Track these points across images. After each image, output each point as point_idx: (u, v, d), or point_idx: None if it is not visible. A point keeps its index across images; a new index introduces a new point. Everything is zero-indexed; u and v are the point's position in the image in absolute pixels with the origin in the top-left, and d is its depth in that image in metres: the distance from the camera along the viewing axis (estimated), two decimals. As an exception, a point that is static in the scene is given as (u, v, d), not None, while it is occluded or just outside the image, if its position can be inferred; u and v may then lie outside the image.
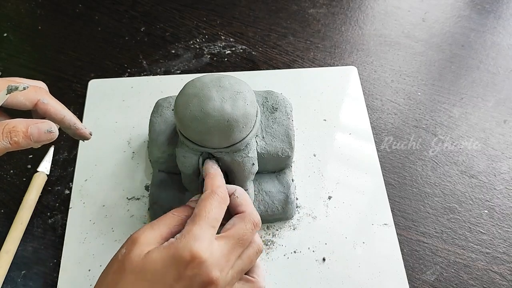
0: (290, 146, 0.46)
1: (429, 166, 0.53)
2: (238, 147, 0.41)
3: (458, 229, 0.49)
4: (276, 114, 0.48)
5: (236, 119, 0.39)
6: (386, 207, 0.50)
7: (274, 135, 0.47)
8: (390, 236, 0.48)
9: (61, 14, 0.68)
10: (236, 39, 0.65)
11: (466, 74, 0.62)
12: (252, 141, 0.43)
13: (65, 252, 0.47)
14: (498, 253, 0.47)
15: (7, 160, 0.53)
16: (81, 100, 0.58)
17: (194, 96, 0.39)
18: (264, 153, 0.46)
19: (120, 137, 0.54)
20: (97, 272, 0.45)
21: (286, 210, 0.47)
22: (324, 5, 0.69)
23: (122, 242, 0.47)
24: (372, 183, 0.51)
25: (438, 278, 0.46)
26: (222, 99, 0.39)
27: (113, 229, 0.48)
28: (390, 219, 0.49)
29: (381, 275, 0.45)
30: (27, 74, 0.61)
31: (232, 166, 0.42)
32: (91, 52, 0.63)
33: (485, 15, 0.68)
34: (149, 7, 0.69)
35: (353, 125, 0.56)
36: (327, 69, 0.61)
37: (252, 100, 0.40)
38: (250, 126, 0.41)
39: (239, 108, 0.39)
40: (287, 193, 0.47)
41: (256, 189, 0.48)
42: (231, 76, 0.41)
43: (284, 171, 0.49)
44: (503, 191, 0.51)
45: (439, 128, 0.56)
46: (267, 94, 0.49)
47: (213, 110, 0.38)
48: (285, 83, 0.59)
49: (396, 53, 0.64)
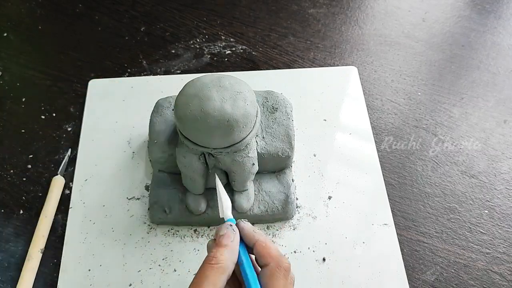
0: (290, 146, 0.46)
1: (429, 166, 0.53)
2: (238, 147, 0.41)
3: (458, 229, 0.49)
4: (276, 114, 0.48)
5: (236, 119, 0.39)
6: (386, 207, 0.50)
7: (274, 135, 0.47)
8: (390, 236, 0.48)
9: (61, 14, 0.68)
10: (236, 39, 0.65)
11: (466, 74, 0.62)
12: (252, 141, 0.43)
13: (65, 252, 0.47)
14: (498, 253, 0.47)
15: (7, 160, 0.53)
16: (81, 100, 0.58)
17: (194, 96, 0.39)
18: (264, 153, 0.46)
19: (120, 137, 0.54)
20: (97, 272, 0.45)
21: (286, 210, 0.47)
22: (324, 5, 0.69)
23: (122, 242, 0.47)
24: (372, 183, 0.51)
25: (438, 278, 0.46)
26: (222, 99, 0.39)
27: (113, 229, 0.48)
28: (390, 219, 0.49)
29: (381, 275, 0.45)
30: (27, 74, 0.61)
31: (232, 166, 0.42)
32: (91, 52, 0.63)
33: (485, 15, 0.68)
34: (149, 7, 0.69)
35: (353, 125, 0.56)
36: (327, 69, 0.61)
37: (252, 100, 0.40)
38: (250, 126, 0.41)
39: (239, 108, 0.39)
40: (287, 193, 0.47)
41: (256, 189, 0.48)
42: (231, 76, 0.41)
43: (284, 171, 0.49)
44: (503, 191, 0.51)
45: (439, 128, 0.56)
46: (267, 94, 0.49)
47: (213, 110, 0.38)
48: (285, 83, 0.59)
49: (396, 53, 0.64)
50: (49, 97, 0.59)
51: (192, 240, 0.47)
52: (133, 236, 0.47)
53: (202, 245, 0.47)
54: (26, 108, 0.58)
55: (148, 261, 0.46)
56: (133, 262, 0.46)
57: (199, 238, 0.47)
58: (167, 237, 0.47)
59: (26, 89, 0.60)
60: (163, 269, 0.46)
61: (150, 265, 0.46)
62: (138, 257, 0.46)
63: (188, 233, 0.48)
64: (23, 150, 0.54)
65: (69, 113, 0.57)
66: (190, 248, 0.47)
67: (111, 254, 0.47)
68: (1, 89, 0.60)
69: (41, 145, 0.55)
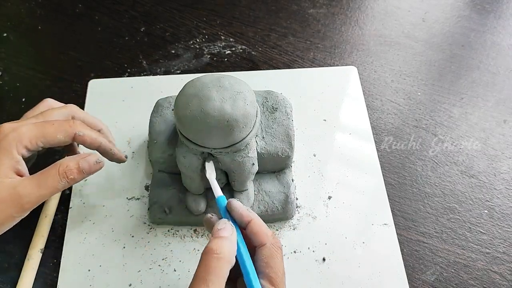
0: (290, 146, 0.46)
1: (429, 166, 0.53)
2: (238, 147, 0.41)
3: (458, 229, 0.49)
4: (276, 114, 0.48)
5: (236, 119, 0.39)
6: (386, 207, 0.50)
7: (274, 135, 0.47)
8: (390, 236, 0.48)
9: (61, 14, 0.68)
10: (236, 39, 0.65)
11: (466, 74, 0.62)
12: (252, 141, 0.43)
13: (65, 252, 0.47)
14: (498, 253, 0.47)
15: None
16: (81, 100, 0.58)
17: (194, 96, 0.39)
18: (264, 153, 0.46)
19: (120, 137, 0.54)
20: (97, 272, 0.45)
21: (286, 210, 0.47)
22: (324, 5, 0.69)
23: (122, 242, 0.47)
24: (372, 183, 0.51)
25: (438, 278, 0.46)
26: (222, 99, 0.39)
27: (113, 229, 0.48)
28: (390, 219, 0.49)
29: (381, 275, 0.45)
30: (27, 74, 0.61)
31: (232, 166, 0.42)
32: (91, 52, 0.63)
33: (485, 15, 0.68)
34: (149, 7, 0.69)
35: (353, 125, 0.56)
36: (327, 69, 0.61)
37: (252, 100, 0.40)
38: (250, 126, 0.41)
39: (239, 108, 0.39)
40: (287, 193, 0.47)
41: (256, 189, 0.48)
42: (231, 76, 0.41)
43: (284, 171, 0.49)
44: (503, 191, 0.51)
45: (439, 128, 0.56)
46: (267, 94, 0.49)
47: (213, 110, 0.38)
48: (284, 83, 0.59)
49: (396, 53, 0.64)
50: (49, 97, 0.59)
51: (192, 240, 0.47)
52: (133, 236, 0.47)
53: (202, 245, 0.47)
54: (26, 108, 0.58)
55: (148, 261, 0.46)
56: (133, 262, 0.46)
57: (199, 238, 0.47)
58: (167, 237, 0.47)
59: (26, 89, 0.60)
60: (163, 269, 0.46)
61: (150, 265, 0.46)
62: (138, 257, 0.46)
63: (188, 233, 0.48)
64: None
65: (69, 113, 0.57)
66: (190, 248, 0.47)
67: (111, 254, 0.47)
68: (1, 89, 0.60)
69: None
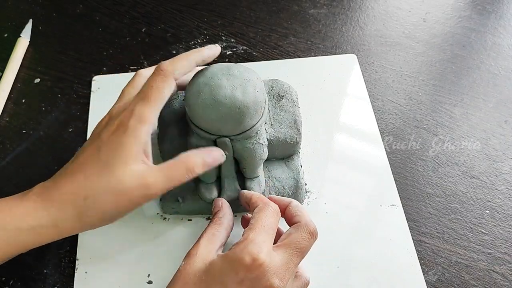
0: (298, 132, 0.47)
1: (430, 166, 0.53)
2: (249, 134, 0.42)
3: (460, 229, 0.49)
4: (282, 102, 0.48)
5: (247, 106, 0.39)
6: (393, 188, 0.50)
7: (282, 122, 0.47)
8: (399, 215, 0.48)
9: (61, 14, 0.68)
10: (237, 40, 0.65)
11: (467, 74, 0.62)
12: (262, 128, 0.44)
13: (65, 252, 0.47)
14: (500, 253, 0.47)
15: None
16: (82, 101, 0.58)
17: (204, 84, 0.40)
18: (273, 140, 0.46)
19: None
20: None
21: (297, 195, 0.48)
22: (325, 6, 0.69)
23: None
24: (377, 164, 0.52)
25: (439, 278, 0.46)
26: (233, 87, 0.40)
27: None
28: (398, 200, 0.50)
29: (392, 255, 0.46)
30: (27, 74, 0.61)
31: (243, 153, 0.43)
32: (92, 52, 0.63)
33: (486, 16, 0.68)
34: (150, 8, 0.69)
35: (356, 111, 0.57)
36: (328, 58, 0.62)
37: (261, 87, 0.41)
38: (260, 113, 0.42)
39: (250, 95, 0.40)
40: (297, 178, 0.48)
41: (266, 176, 0.48)
42: (239, 64, 0.43)
43: (293, 157, 0.49)
44: (504, 191, 0.51)
45: (440, 128, 0.56)
46: (273, 82, 0.50)
47: (225, 98, 0.39)
48: (285, 73, 0.60)
49: (397, 53, 0.64)
50: (50, 98, 0.59)
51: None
52: (146, 228, 0.48)
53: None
54: (26, 108, 0.58)
55: (162, 251, 0.46)
56: (147, 252, 0.46)
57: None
58: (180, 226, 0.48)
59: (26, 89, 0.60)
60: (177, 259, 0.45)
61: (164, 255, 0.46)
62: (151, 248, 0.46)
63: (201, 222, 0.48)
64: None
65: (70, 114, 0.57)
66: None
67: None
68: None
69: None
